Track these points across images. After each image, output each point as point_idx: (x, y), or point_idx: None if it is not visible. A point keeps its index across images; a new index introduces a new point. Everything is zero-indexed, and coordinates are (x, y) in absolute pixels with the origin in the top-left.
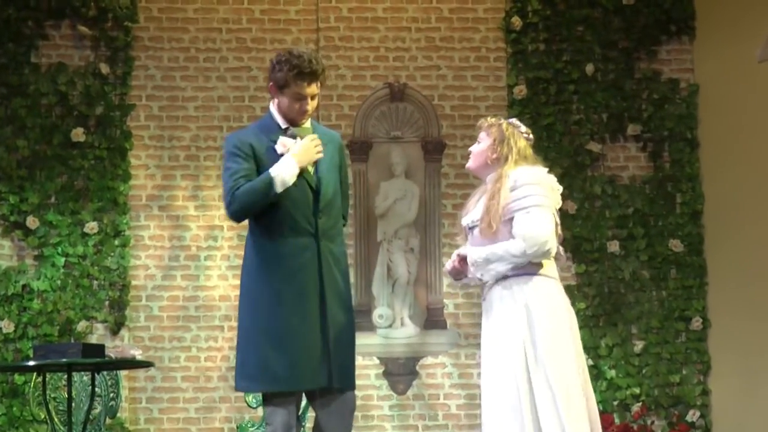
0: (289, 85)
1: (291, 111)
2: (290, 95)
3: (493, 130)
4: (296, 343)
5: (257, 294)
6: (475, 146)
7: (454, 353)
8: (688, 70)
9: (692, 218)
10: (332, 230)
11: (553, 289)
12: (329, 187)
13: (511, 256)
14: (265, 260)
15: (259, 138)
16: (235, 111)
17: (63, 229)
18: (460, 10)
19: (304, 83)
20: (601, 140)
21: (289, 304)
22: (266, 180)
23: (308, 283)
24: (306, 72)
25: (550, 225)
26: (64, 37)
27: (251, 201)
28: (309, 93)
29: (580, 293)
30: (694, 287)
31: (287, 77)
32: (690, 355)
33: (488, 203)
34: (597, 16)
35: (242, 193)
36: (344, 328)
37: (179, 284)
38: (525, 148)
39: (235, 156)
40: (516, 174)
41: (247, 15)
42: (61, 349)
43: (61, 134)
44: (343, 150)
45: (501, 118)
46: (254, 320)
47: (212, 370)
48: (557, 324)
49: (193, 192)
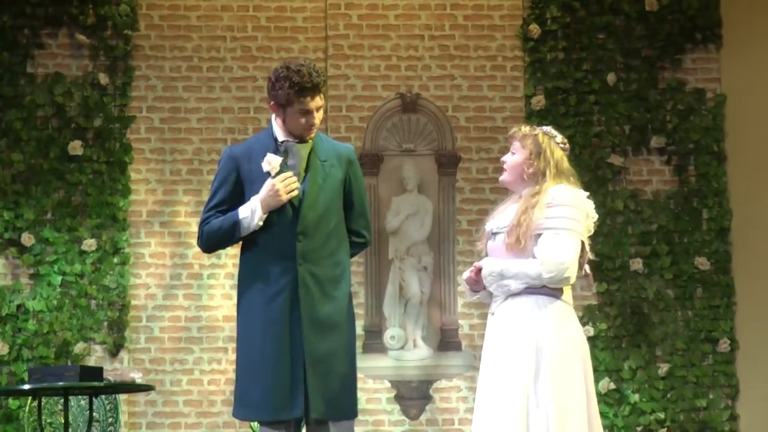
0: (292, 102)
1: (298, 127)
2: (295, 112)
3: (528, 142)
4: (268, 372)
5: (241, 319)
6: (509, 157)
7: (469, 376)
8: (714, 79)
9: (719, 235)
10: (317, 252)
11: (567, 317)
12: (317, 207)
13: (526, 276)
14: (248, 285)
15: (252, 154)
16: (239, 123)
17: (60, 247)
18: (475, 17)
19: (308, 98)
20: (623, 153)
21: (264, 331)
22: (232, 222)
23: (284, 309)
24: (308, 87)
25: (573, 252)
26: (62, 46)
27: (217, 241)
28: (314, 107)
29: (601, 313)
30: (722, 307)
31: (289, 95)
32: (717, 379)
33: (520, 217)
34: (619, 23)
35: (210, 231)
36: (327, 355)
37: (181, 304)
38: (562, 159)
39: (219, 180)
40: (555, 191)
41: (252, 22)
42: (57, 372)
43: (58, 147)
44: (353, 164)
45: (535, 127)
46: (240, 346)
47: (216, 394)
48: (567, 357)
49: (196, 207)
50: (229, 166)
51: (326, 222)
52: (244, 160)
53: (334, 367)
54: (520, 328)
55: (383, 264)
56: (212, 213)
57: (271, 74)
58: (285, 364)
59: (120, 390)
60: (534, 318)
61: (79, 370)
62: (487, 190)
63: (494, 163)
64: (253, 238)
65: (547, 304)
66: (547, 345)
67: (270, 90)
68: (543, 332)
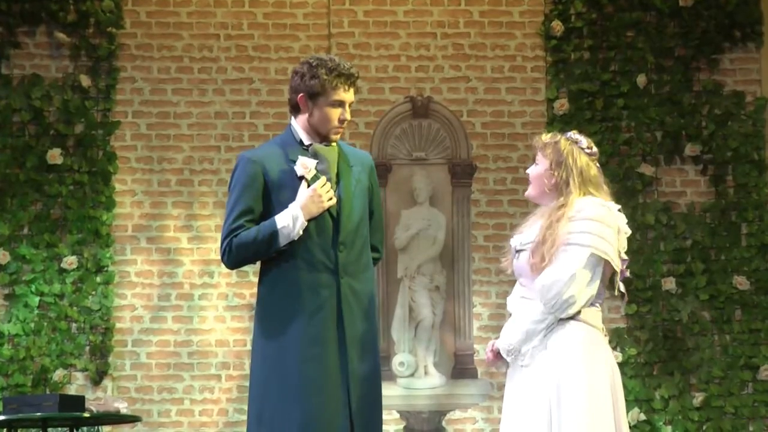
0: (326, 91)
1: (327, 122)
2: (327, 104)
3: (549, 151)
4: (312, 397)
5: (269, 338)
6: (532, 168)
7: (485, 406)
8: (754, 81)
9: (760, 252)
10: (355, 265)
11: (590, 342)
12: (354, 215)
13: (537, 324)
14: (277, 299)
15: (276, 158)
16: (234, 129)
17: (37, 265)
18: (492, 13)
19: (345, 86)
20: (654, 162)
21: (304, 352)
22: (269, 232)
23: (325, 327)
24: (345, 74)
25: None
26: (40, 45)
27: (250, 254)
28: (348, 99)
29: (630, 337)
30: (763, 331)
31: (324, 82)
32: (758, 409)
33: (545, 233)
34: (650, 20)
35: (241, 245)
36: (368, 379)
37: (170, 327)
38: (587, 167)
39: (241, 186)
40: (581, 204)
41: (248, 19)
42: (35, 402)
43: (36, 156)
44: (374, 173)
45: (558, 134)
46: (267, 368)
47: (208, 425)
48: (591, 389)
49: (186, 222)
50: (252, 170)
51: (362, 232)
52: (268, 163)
53: (371, 390)
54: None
55: (392, 283)
56: (240, 223)
57: (300, 66)
58: (333, 388)
59: (103, 421)
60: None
61: (59, 400)
62: (505, 202)
63: (513, 173)
64: (283, 249)
65: (566, 332)
66: (567, 378)
67: (300, 80)
68: (563, 364)
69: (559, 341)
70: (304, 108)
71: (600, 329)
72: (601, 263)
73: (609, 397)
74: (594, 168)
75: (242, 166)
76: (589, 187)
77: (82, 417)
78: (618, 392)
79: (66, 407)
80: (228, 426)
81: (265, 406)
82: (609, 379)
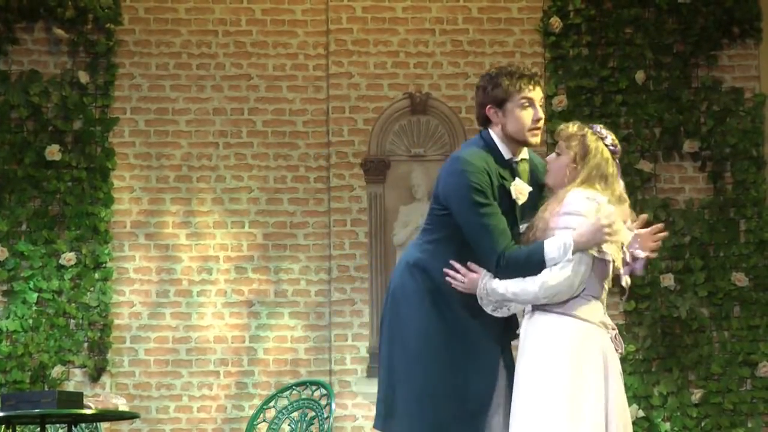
0: (512, 95)
1: (524, 124)
2: (517, 106)
3: (574, 143)
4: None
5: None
6: (552, 158)
7: None
8: (753, 78)
9: (758, 248)
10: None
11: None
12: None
13: (515, 297)
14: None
15: (493, 168)
16: (232, 125)
17: (35, 261)
18: (491, 10)
19: (530, 86)
20: (653, 158)
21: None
22: (538, 261)
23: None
24: (527, 74)
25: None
26: (38, 41)
27: (521, 275)
28: (537, 97)
29: (629, 334)
30: (761, 327)
31: (509, 86)
32: (756, 406)
33: (537, 220)
34: (648, 16)
35: (516, 264)
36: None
37: (168, 323)
38: (606, 164)
39: (484, 196)
40: (569, 198)
41: (246, 15)
42: (33, 399)
43: (34, 152)
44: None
45: (584, 126)
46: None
47: (206, 422)
48: (574, 373)
49: (185, 218)
50: (488, 182)
51: None
52: (493, 174)
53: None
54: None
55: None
56: (507, 237)
57: (482, 81)
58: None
59: (102, 418)
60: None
61: (57, 396)
62: None
63: None
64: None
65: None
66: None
67: (483, 94)
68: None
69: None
70: (493, 117)
71: (596, 323)
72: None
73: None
74: (613, 166)
75: (476, 174)
76: (598, 182)
77: (81, 413)
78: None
79: (64, 404)
80: (226, 422)
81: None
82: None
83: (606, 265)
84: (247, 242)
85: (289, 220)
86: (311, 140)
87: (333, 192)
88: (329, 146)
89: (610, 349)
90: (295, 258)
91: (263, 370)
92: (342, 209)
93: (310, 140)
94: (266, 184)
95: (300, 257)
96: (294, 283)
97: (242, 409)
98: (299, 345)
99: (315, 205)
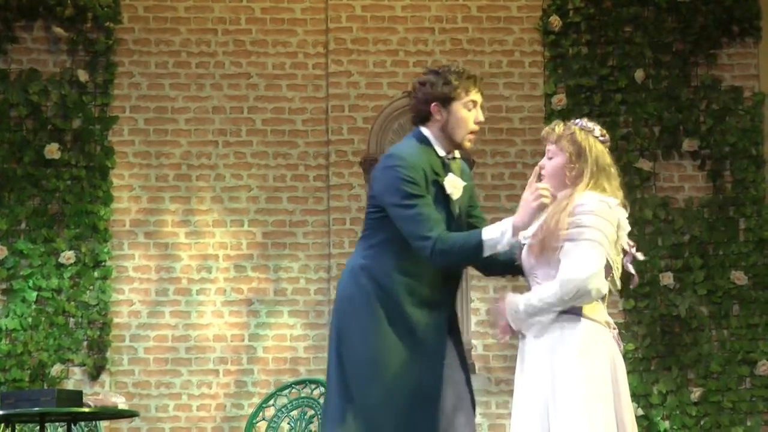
0: (459, 95)
1: (466, 125)
2: (463, 106)
3: (566, 143)
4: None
5: (397, 352)
6: (545, 162)
7: (483, 401)
8: (752, 76)
9: (758, 247)
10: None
11: (589, 331)
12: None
13: (549, 306)
14: (405, 304)
15: (427, 165)
16: (232, 124)
17: (35, 260)
18: (490, 8)
19: (476, 88)
20: (652, 157)
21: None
22: (476, 243)
23: (441, 338)
24: (474, 76)
25: (594, 264)
26: (37, 39)
27: (458, 261)
28: (480, 100)
29: (628, 332)
30: (761, 326)
31: (457, 87)
32: (755, 404)
33: (548, 221)
34: (648, 15)
35: (452, 251)
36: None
37: (168, 322)
38: (603, 155)
39: (416, 187)
40: (582, 199)
41: (246, 14)
42: (32, 397)
43: (33, 151)
44: (471, 178)
45: (569, 124)
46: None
47: (206, 420)
48: (587, 374)
49: (184, 216)
50: (421, 176)
51: None
52: (427, 169)
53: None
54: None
55: None
56: (440, 226)
57: (429, 76)
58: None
59: (101, 416)
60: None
61: (56, 395)
62: (503, 197)
63: (511, 167)
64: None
65: (569, 327)
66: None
67: (431, 89)
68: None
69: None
70: (438, 116)
71: (603, 323)
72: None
73: (608, 390)
74: (608, 156)
75: (411, 170)
76: (601, 178)
77: (80, 412)
78: (621, 386)
79: (64, 402)
80: (225, 421)
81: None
82: (610, 373)
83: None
84: (246, 241)
85: (289, 219)
86: (311, 139)
87: (332, 191)
88: (329, 145)
89: (616, 348)
90: (294, 256)
91: (262, 369)
92: (341, 208)
93: (310, 139)
94: (265, 182)
95: (299, 256)
96: (293, 282)
97: (241, 407)
98: (298, 343)
99: (314, 203)
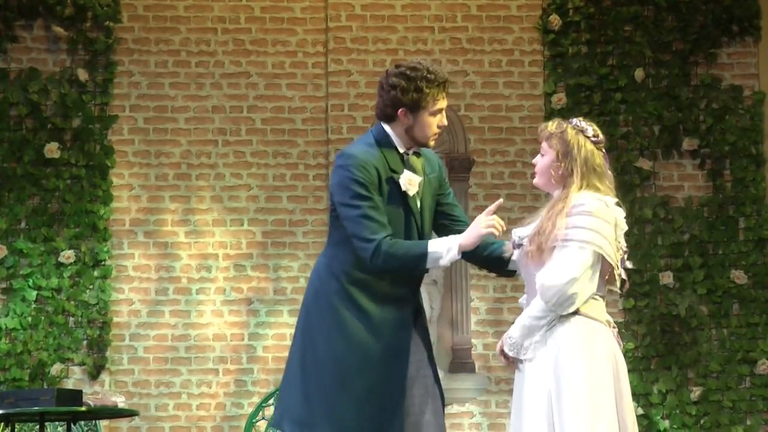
0: (427, 103)
1: (430, 131)
2: (429, 114)
3: (555, 141)
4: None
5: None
6: (538, 159)
7: (483, 401)
8: (752, 75)
9: (757, 246)
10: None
11: (589, 331)
12: (427, 228)
13: (537, 320)
14: (364, 305)
15: (382, 163)
16: (231, 123)
17: (35, 259)
18: (490, 8)
19: (444, 94)
20: (652, 156)
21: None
22: (420, 253)
23: (406, 337)
24: (442, 81)
25: (575, 268)
26: (37, 39)
27: (398, 268)
28: (445, 105)
29: (628, 332)
30: (760, 325)
31: (427, 96)
32: (755, 403)
33: (544, 225)
34: (648, 14)
35: (393, 258)
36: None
37: (167, 321)
38: (593, 155)
39: (365, 189)
40: (579, 199)
41: (245, 13)
42: (32, 396)
43: (33, 150)
44: (444, 170)
45: (563, 122)
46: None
47: (205, 419)
48: (590, 373)
49: (184, 216)
50: (372, 175)
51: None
52: (380, 167)
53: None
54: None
55: None
56: (385, 230)
57: (398, 79)
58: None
59: (101, 415)
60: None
61: (56, 394)
62: (502, 196)
63: (510, 167)
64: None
65: (566, 326)
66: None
67: (402, 94)
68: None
69: (559, 336)
70: (404, 120)
71: (603, 321)
72: (599, 258)
73: (610, 388)
74: (599, 156)
75: (359, 167)
76: (592, 178)
77: (80, 411)
78: (623, 384)
79: (63, 401)
80: (225, 420)
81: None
82: (611, 371)
83: (607, 265)
84: (246, 240)
85: (288, 218)
86: (310, 138)
87: None
88: (328, 144)
89: (617, 347)
90: (294, 256)
91: (262, 368)
92: None
93: (309, 138)
94: (265, 181)
95: (299, 255)
96: (293, 281)
97: (241, 406)
98: None
99: (314, 202)
